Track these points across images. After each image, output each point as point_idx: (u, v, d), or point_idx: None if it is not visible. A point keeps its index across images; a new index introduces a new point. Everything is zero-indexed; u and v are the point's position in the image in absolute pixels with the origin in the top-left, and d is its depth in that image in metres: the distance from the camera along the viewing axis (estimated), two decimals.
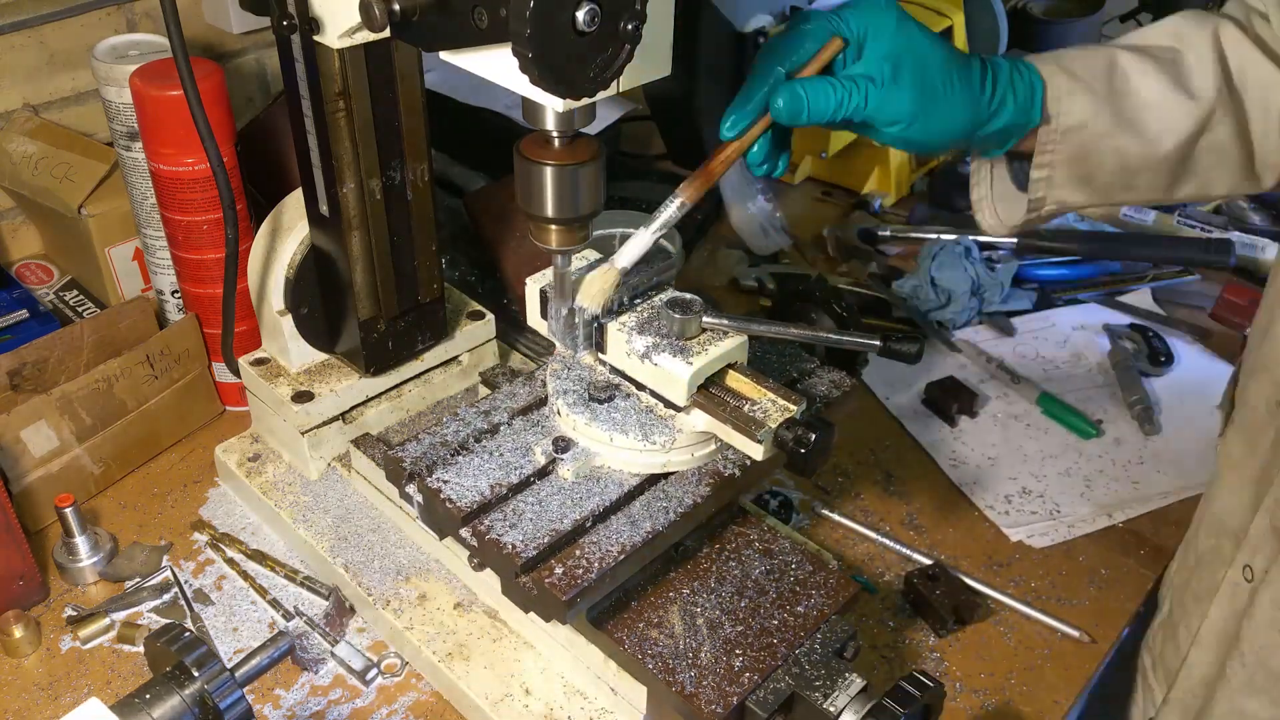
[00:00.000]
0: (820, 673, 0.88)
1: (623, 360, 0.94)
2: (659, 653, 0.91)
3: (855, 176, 1.85)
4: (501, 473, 0.94)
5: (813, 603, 0.96)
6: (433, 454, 0.95)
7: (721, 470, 0.97)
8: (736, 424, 0.89)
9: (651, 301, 0.97)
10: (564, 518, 0.90)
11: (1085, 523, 1.24)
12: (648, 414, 0.95)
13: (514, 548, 0.87)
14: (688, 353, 0.91)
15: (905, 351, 0.94)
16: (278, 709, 1.02)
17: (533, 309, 0.99)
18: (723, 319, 0.93)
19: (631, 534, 0.90)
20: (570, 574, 0.86)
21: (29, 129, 1.43)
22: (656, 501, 0.94)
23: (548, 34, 0.68)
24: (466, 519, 0.90)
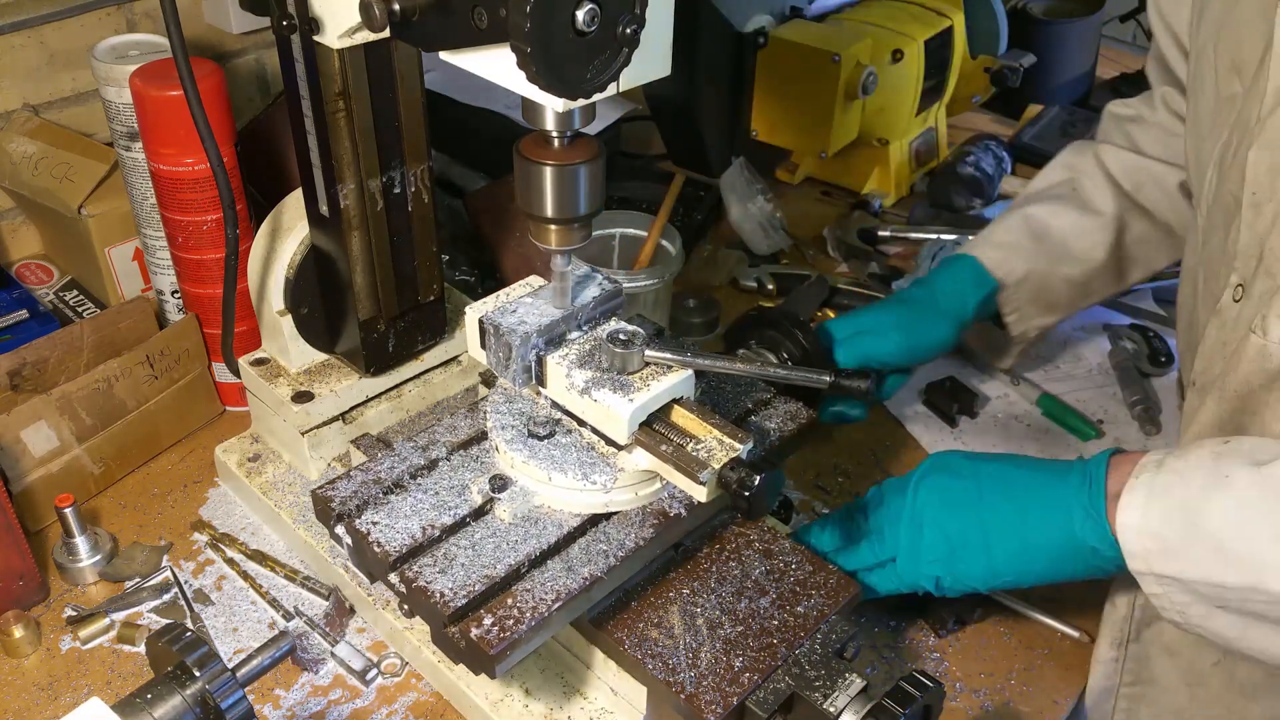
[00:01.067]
0: (820, 673, 0.88)
1: (563, 395, 0.91)
2: (659, 653, 0.90)
3: (855, 176, 1.85)
4: (435, 513, 0.90)
5: (813, 603, 0.95)
6: (364, 492, 0.92)
7: (667, 510, 0.93)
8: (679, 464, 0.85)
9: (594, 333, 0.93)
10: (498, 563, 0.86)
11: None
12: (589, 451, 0.91)
13: (442, 596, 0.83)
14: (629, 388, 0.87)
15: (855, 388, 0.88)
16: (278, 709, 1.02)
17: (472, 339, 0.94)
18: (666, 353, 0.89)
19: (568, 581, 0.86)
20: (500, 625, 0.82)
21: (29, 129, 1.43)
22: (596, 544, 0.90)
23: (547, 34, 0.68)
24: (395, 564, 0.86)
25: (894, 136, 1.80)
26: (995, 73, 1.85)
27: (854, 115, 1.74)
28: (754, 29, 1.70)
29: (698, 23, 1.62)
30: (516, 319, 0.91)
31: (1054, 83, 2.05)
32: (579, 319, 0.93)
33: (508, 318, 0.91)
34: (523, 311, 0.92)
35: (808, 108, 1.72)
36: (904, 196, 1.86)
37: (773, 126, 1.78)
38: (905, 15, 1.79)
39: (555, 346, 0.92)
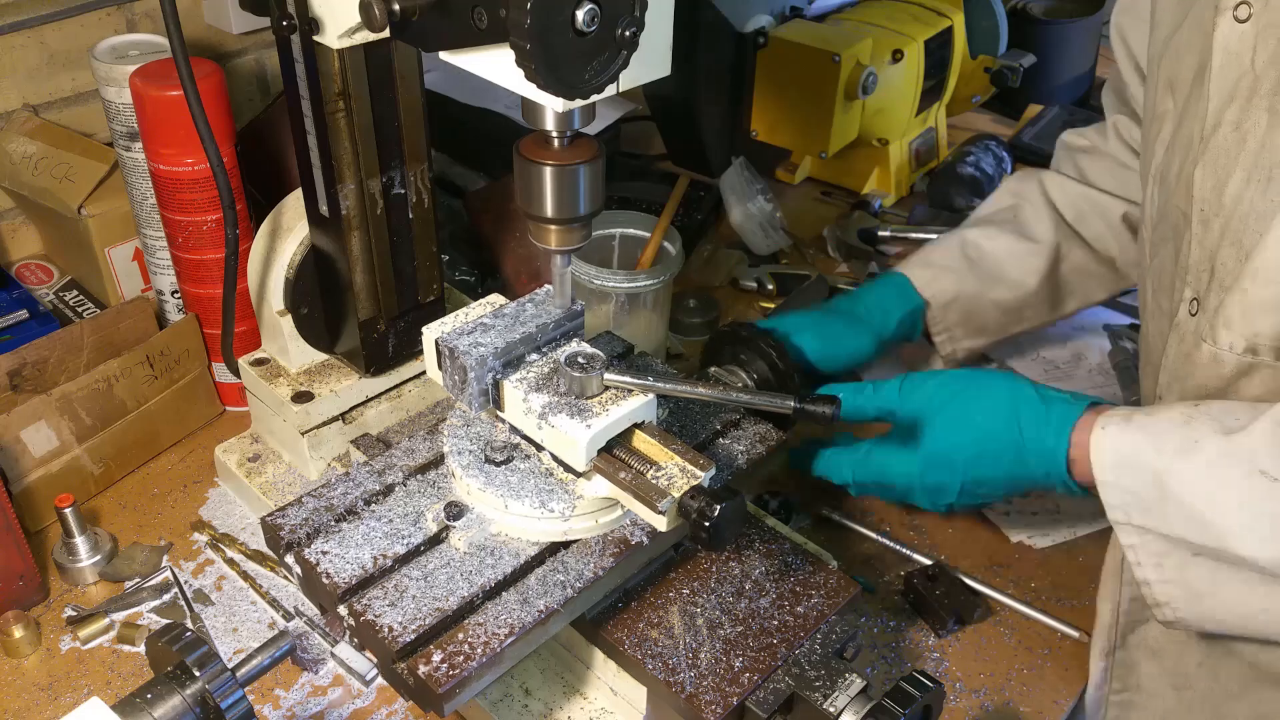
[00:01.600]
0: (820, 673, 0.88)
1: (520, 419, 0.88)
2: (659, 653, 0.90)
3: (855, 176, 1.85)
4: (387, 542, 0.88)
5: (813, 603, 0.95)
6: (315, 519, 0.89)
7: (629, 538, 0.90)
8: (637, 493, 0.83)
9: (553, 355, 0.90)
10: (451, 594, 0.84)
11: (1086, 523, 1.24)
12: (547, 478, 0.89)
13: (390, 631, 0.81)
14: (587, 413, 0.85)
15: (819, 413, 0.86)
16: (278, 709, 1.02)
17: (430, 361, 0.92)
18: (626, 376, 0.87)
19: (522, 613, 0.84)
20: (450, 661, 0.80)
21: (29, 129, 1.43)
22: (554, 575, 0.87)
23: (547, 34, 0.68)
24: (344, 595, 0.84)
25: (894, 136, 1.80)
26: (995, 73, 1.85)
27: (854, 115, 1.74)
28: (754, 29, 1.69)
29: (698, 23, 1.62)
30: (473, 341, 0.88)
31: (1054, 83, 2.05)
32: (538, 340, 0.90)
33: (464, 340, 0.88)
34: (480, 333, 0.89)
35: (807, 108, 1.72)
36: (904, 196, 1.86)
37: (773, 126, 1.78)
38: (905, 15, 1.79)
39: (513, 369, 0.89)
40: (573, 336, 0.93)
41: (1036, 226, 1.25)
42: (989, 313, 1.26)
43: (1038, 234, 1.24)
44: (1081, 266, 1.25)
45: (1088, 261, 1.25)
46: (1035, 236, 1.24)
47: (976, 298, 1.25)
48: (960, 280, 1.24)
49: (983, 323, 1.27)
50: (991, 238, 1.25)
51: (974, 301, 1.25)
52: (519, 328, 0.90)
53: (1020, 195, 1.28)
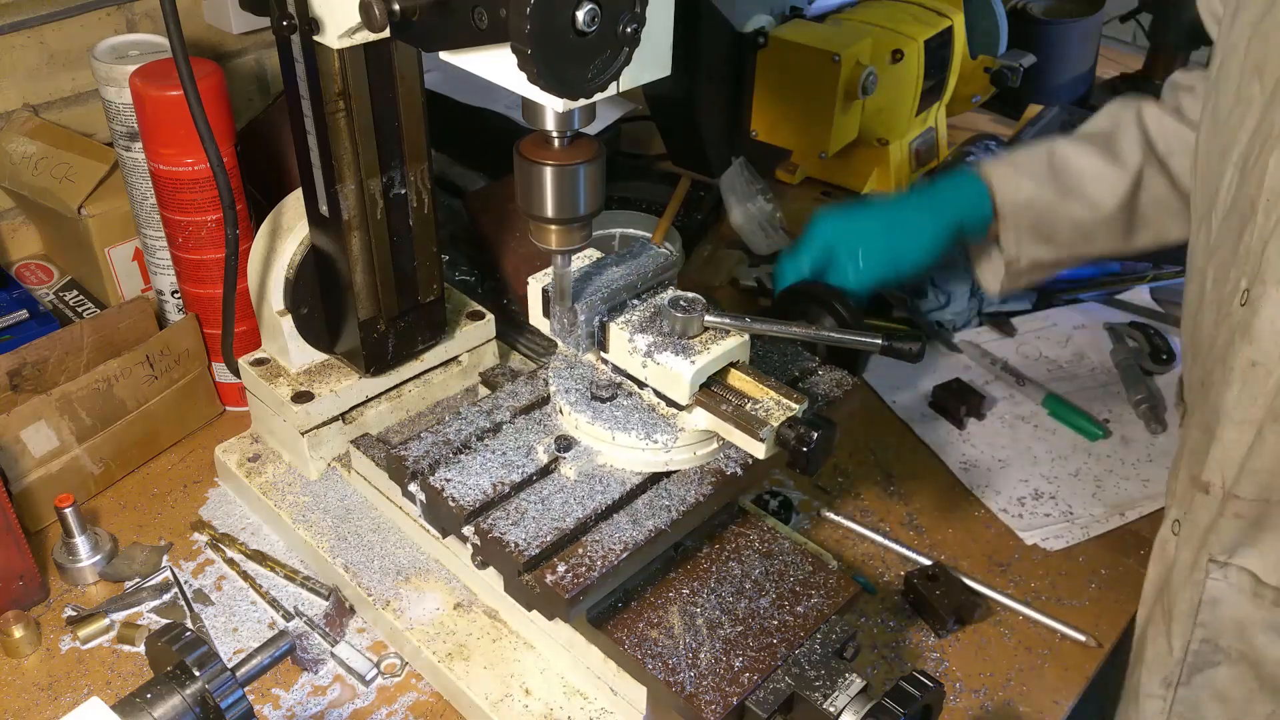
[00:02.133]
0: (820, 673, 0.88)
1: (625, 359, 0.94)
2: (659, 653, 0.91)
3: (855, 176, 1.85)
4: (504, 471, 0.94)
5: (812, 603, 0.95)
6: (435, 452, 0.95)
7: (723, 469, 0.96)
8: (739, 422, 0.89)
9: (653, 301, 0.97)
10: (567, 516, 0.90)
11: (1099, 523, 1.24)
12: (650, 413, 0.95)
13: (517, 546, 0.87)
14: (690, 351, 0.91)
15: (906, 350, 0.94)
16: (278, 709, 1.02)
17: (535, 308, 0.99)
18: (725, 318, 0.93)
19: (634, 532, 0.90)
20: (574, 572, 0.86)
21: (29, 129, 1.43)
22: (659, 500, 0.93)
23: (548, 34, 0.68)
24: (469, 517, 0.90)
25: (894, 136, 1.80)
26: (995, 73, 1.84)
27: (854, 115, 1.74)
28: (754, 29, 1.69)
29: (698, 23, 1.62)
30: (579, 287, 0.95)
31: (1054, 83, 2.05)
32: (638, 287, 0.97)
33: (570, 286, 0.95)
34: (584, 280, 0.96)
35: (808, 108, 1.72)
36: None
37: (773, 126, 1.78)
38: (905, 15, 1.79)
39: (617, 313, 0.95)
40: (668, 285, 0.99)
41: (1126, 150, 1.24)
42: (1061, 225, 1.25)
43: (1125, 156, 1.24)
44: (1162, 199, 1.24)
45: (1169, 195, 1.23)
46: (1122, 158, 1.24)
47: (1052, 207, 1.24)
48: (1039, 185, 1.24)
49: (1053, 234, 1.26)
50: (1080, 152, 1.25)
51: (1049, 211, 1.24)
52: (619, 276, 0.97)
53: (1117, 120, 1.27)
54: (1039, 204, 1.24)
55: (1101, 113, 1.30)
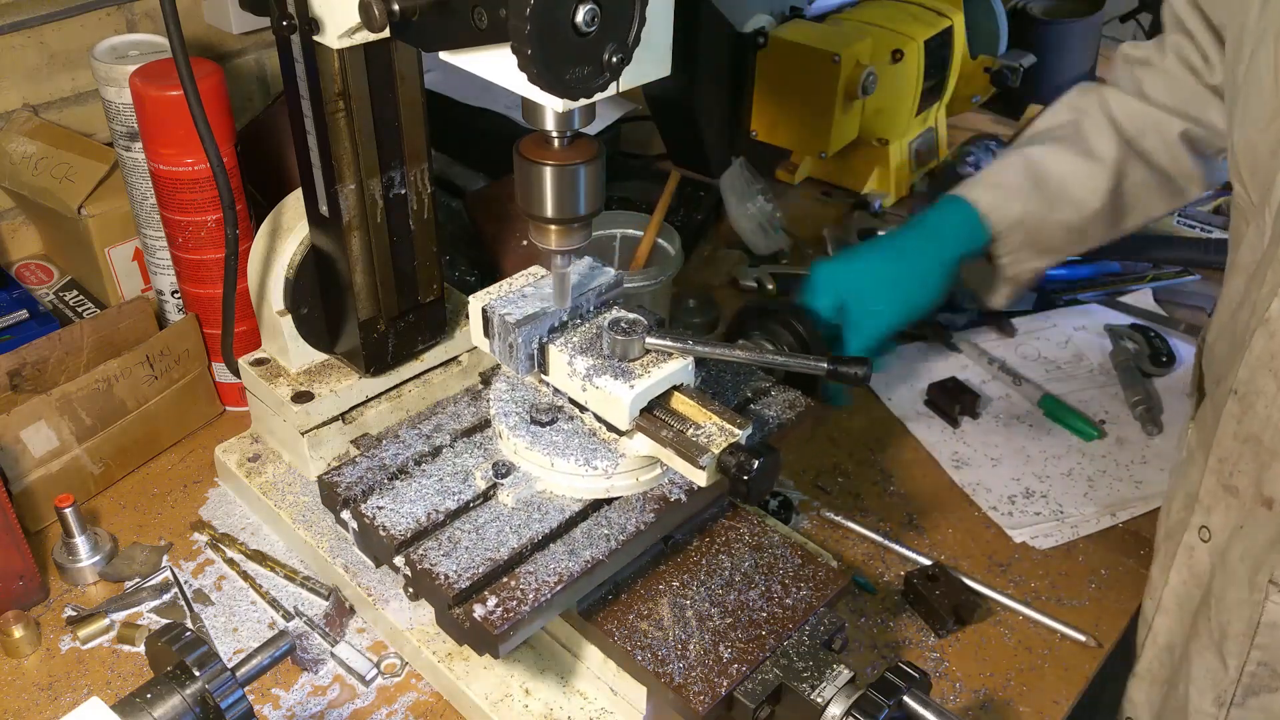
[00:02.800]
0: (808, 664, 0.89)
1: (564, 382, 0.93)
2: (648, 644, 0.91)
3: (855, 176, 1.85)
4: (439, 498, 0.92)
5: (801, 595, 0.95)
6: (370, 478, 0.93)
7: (667, 495, 0.94)
8: (679, 449, 0.87)
9: (596, 321, 0.95)
10: (501, 546, 0.88)
11: (1089, 523, 1.24)
12: (591, 437, 0.93)
13: (447, 578, 0.85)
14: (630, 375, 0.89)
15: (852, 374, 0.91)
16: (278, 709, 1.02)
17: (475, 328, 0.96)
18: (666, 339, 0.91)
19: (570, 563, 0.88)
20: (504, 606, 0.84)
21: (29, 129, 1.43)
22: (598, 528, 0.91)
23: (547, 34, 0.68)
24: (400, 547, 0.88)
25: (894, 136, 1.80)
26: (995, 73, 1.84)
27: (854, 115, 1.74)
28: (754, 29, 1.69)
29: (698, 23, 1.62)
30: (519, 307, 0.93)
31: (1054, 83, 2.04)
32: (581, 308, 0.95)
33: (510, 306, 0.93)
34: (525, 300, 0.94)
35: (807, 108, 1.72)
36: (904, 196, 1.86)
37: (773, 126, 1.78)
38: (905, 15, 1.79)
39: (557, 334, 0.93)
40: (612, 305, 0.97)
41: (1099, 144, 1.22)
42: (1055, 233, 1.24)
43: (1101, 151, 1.22)
44: (1143, 182, 1.23)
45: (1148, 178, 1.23)
46: (1098, 154, 1.22)
47: (1043, 219, 1.23)
48: (1026, 202, 1.22)
49: (1048, 243, 1.25)
50: (1056, 158, 1.23)
51: (1040, 223, 1.23)
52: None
53: (1080, 110, 1.26)
54: (1030, 219, 1.22)
55: (1061, 105, 1.28)
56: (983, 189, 1.23)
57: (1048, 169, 1.23)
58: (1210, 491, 0.98)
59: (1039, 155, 1.24)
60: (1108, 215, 1.24)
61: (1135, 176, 1.22)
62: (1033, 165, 1.23)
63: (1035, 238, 1.24)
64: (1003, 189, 1.23)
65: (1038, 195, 1.22)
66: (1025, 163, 1.24)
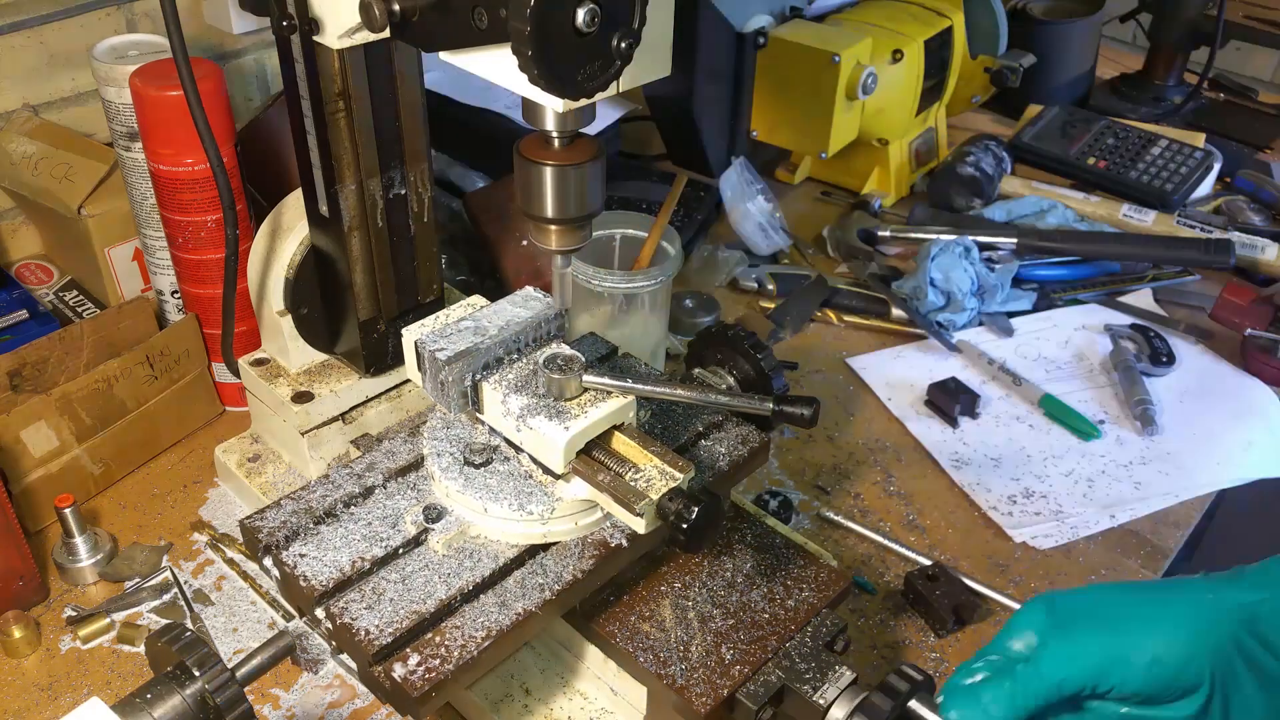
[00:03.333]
0: (810, 665, 0.88)
1: (500, 421, 0.88)
2: (650, 645, 0.90)
3: (855, 176, 1.85)
4: (366, 544, 0.88)
5: (804, 596, 0.95)
6: (294, 522, 0.89)
7: (608, 540, 0.90)
8: (615, 495, 0.83)
9: (534, 357, 0.90)
10: (428, 597, 0.84)
11: (1088, 524, 1.24)
12: (526, 480, 0.88)
13: (367, 634, 0.81)
14: (565, 415, 0.84)
15: (798, 415, 0.86)
16: (278, 709, 1.02)
17: (410, 363, 0.91)
18: (604, 378, 0.86)
19: (500, 616, 0.83)
20: (426, 665, 0.80)
21: (29, 129, 1.43)
22: (532, 577, 0.87)
23: (548, 34, 0.68)
24: (321, 599, 0.84)
25: (894, 136, 1.80)
26: (995, 73, 1.85)
27: (854, 115, 1.74)
28: (754, 29, 1.69)
29: (698, 23, 1.62)
30: (452, 343, 0.88)
31: (1054, 83, 2.05)
32: (519, 342, 0.90)
33: (443, 341, 0.88)
34: (460, 335, 0.89)
35: (807, 108, 1.72)
36: (904, 196, 1.86)
37: (772, 126, 1.78)
38: (905, 15, 1.79)
39: (492, 371, 0.88)
40: (554, 338, 0.92)
41: None
42: None
43: None
44: None
45: None
46: None
47: None
48: None
49: None
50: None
51: None
52: (499, 329, 0.89)
53: None
54: None
55: None
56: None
57: None
58: None
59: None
60: None
61: None
62: None
63: None
64: None
65: None
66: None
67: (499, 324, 0.90)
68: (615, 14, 0.70)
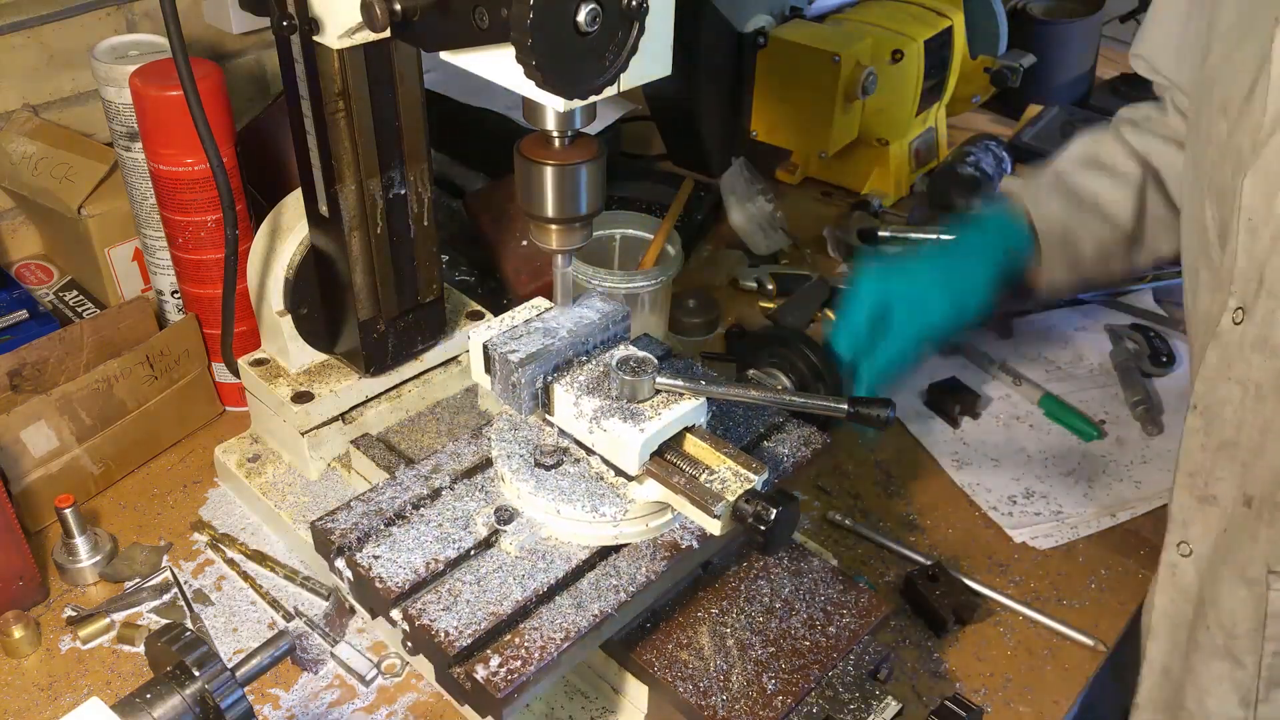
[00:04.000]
0: (854, 695, 0.87)
1: (570, 424, 0.88)
2: (690, 675, 0.88)
3: (855, 176, 1.85)
4: (438, 546, 0.87)
5: (844, 623, 0.92)
6: (365, 524, 0.89)
7: (679, 542, 0.90)
8: (692, 497, 0.83)
9: (603, 358, 0.90)
10: (504, 599, 0.83)
11: (1088, 524, 1.24)
12: (598, 481, 0.88)
13: (447, 635, 0.80)
14: (639, 417, 0.84)
15: (874, 416, 0.87)
16: (278, 709, 1.02)
17: (476, 365, 0.91)
18: (678, 380, 0.87)
19: (577, 618, 0.83)
20: (508, 666, 0.79)
21: (29, 129, 1.43)
22: (606, 579, 0.86)
23: (549, 34, 0.68)
24: (397, 600, 0.84)
25: (894, 136, 1.80)
26: (995, 73, 1.84)
27: (854, 115, 1.74)
28: (754, 29, 1.69)
29: (698, 23, 1.62)
30: (523, 345, 0.88)
31: (1054, 83, 2.05)
32: (587, 345, 0.90)
33: (514, 343, 0.88)
34: (529, 337, 0.89)
35: (808, 108, 1.72)
36: (904, 196, 1.86)
37: (773, 127, 1.78)
38: (905, 15, 1.79)
39: (563, 373, 0.89)
40: (620, 340, 0.92)
41: (1122, 164, 1.21)
42: (1085, 246, 1.21)
43: (1124, 171, 1.20)
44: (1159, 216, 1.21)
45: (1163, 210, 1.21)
46: (1124, 173, 1.20)
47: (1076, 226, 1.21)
48: (1062, 204, 1.20)
49: (1078, 257, 1.22)
50: (1084, 174, 1.22)
51: (1074, 231, 1.21)
52: (569, 331, 0.90)
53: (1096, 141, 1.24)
54: (1067, 224, 1.20)
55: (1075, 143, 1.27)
56: (1025, 186, 1.23)
57: (1078, 181, 1.22)
58: (1184, 507, 0.98)
59: (1068, 170, 1.23)
60: (1128, 243, 1.22)
61: (1155, 206, 1.21)
62: (1064, 178, 1.22)
63: (1068, 247, 1.21)
64: (1043, 189, 1.21)
65: (1071, 204, 1.20)
66: (1056, 174, 1.23)
67: (568, 326, 0.90)
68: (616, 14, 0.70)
